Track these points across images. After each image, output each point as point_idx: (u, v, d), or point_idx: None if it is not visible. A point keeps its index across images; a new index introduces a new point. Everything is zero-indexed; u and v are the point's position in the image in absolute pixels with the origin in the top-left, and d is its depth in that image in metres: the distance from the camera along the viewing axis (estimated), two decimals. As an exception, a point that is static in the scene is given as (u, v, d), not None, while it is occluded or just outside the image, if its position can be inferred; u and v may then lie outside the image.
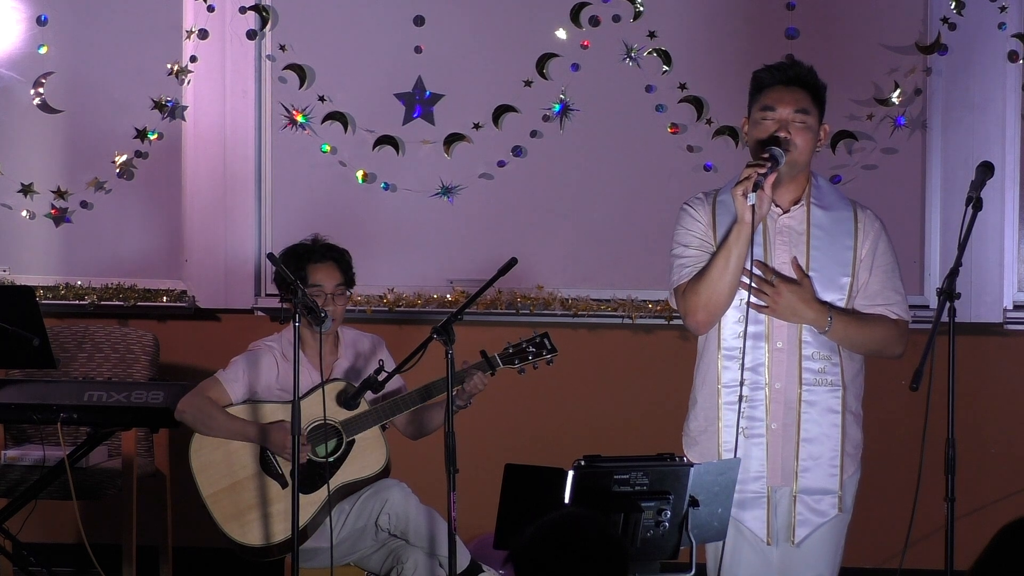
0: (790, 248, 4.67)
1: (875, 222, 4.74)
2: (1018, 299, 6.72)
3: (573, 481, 4.18)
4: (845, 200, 4.76)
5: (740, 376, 4.62)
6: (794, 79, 4.65)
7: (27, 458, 6.42)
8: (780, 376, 4.65)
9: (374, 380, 5.53)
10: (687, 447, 4.78)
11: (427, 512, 5.58)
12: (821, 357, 4.67)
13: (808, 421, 4.66)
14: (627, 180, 6.83)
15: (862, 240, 4.70)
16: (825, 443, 4.68)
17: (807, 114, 4.62)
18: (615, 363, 6.93)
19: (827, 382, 4.67)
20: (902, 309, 4.74)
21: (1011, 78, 6.64)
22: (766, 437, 4.66)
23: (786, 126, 4.61)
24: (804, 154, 4.64)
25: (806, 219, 4.69)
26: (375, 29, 6.94)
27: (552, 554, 3.19)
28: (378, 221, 6.95)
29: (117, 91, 7.07)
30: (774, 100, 4.63)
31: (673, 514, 4.30)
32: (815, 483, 4.67)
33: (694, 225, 4.72)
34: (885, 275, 4.72)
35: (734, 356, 4.66)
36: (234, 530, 5.57)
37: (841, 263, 4.68)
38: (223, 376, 5.68)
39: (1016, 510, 6.58)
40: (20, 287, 6.84)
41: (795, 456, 4.65)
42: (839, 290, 4.67)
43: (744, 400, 4.64)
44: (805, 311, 4.61)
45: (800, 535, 4.68)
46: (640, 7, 6.77)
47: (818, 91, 4.68)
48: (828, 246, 4.68)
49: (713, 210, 4.72)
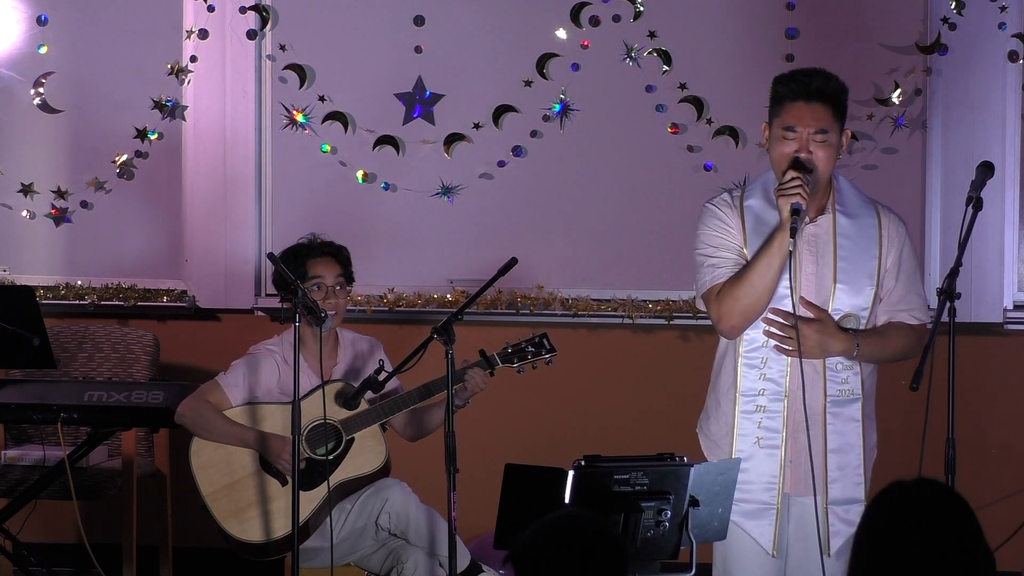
0: (817, 258, 4.64)
1: (900, 227, 4.72)
2: (1018, 299, 6.72)
3: (573, 481, 4.18)
4: (868, 204, 4.73)
5: (759, 384, 4.61)
6: (815, 94, 4.57)
7: (27, 458, 6.42)
8: (805, 387, 4.57)
9: (374, 380, 5.54)
10: (707, 449, 4.74)
11: (427, 512, 5.58)
12: (844, 368, 4.65)
13: (834, 432, 4.64)
14: (627, 180, 6.83)
15: (887, 249, 4.68)
16: (851, 452, 4.67)
17: (827, 132, 4.57)
18: (615, 363, 6.92)
19: (848, 392, 4.66)
20: (922, 312, 4.74)
21: (1011, 78, 6.64)
22: (783, 448, 4.64)
23: (806, 145, 4.56)
24: (827, 171, 4.60)
25: (832, 228, 4.67)
26: (375, 29, 6.94)
27: (552, 554, 3.19)
28: (378, 221, 6.95)
29: (117, 91, 7.07)
30: (795, 119, 4.56)
31: (673, 514, 4.30)
32: (843, 493, 4.66)
33: (722, 227, 4.67)
34: (909, 280, 4.72)
35: (755, 365, 4.65)
36: (234, 527, 5.56)
37: (867, 272, 4.66)
38: (223, 380, 5.68)
39: (1016, 510, 6.58)
40: (20, 287, 6.83)
41: (823, 467, 4.63)
42: (864, 299, 4.66)
43: (762, 410, 4.63)
44: (832, 345, 4.59)
45: (835, 545, 4.64)
46: (640, 7, 6.77)
47: (840, 101, 4.61)
48: (855, 256, 4.66)
49: (742, 214, 4.68)
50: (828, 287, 4.64)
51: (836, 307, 4.63)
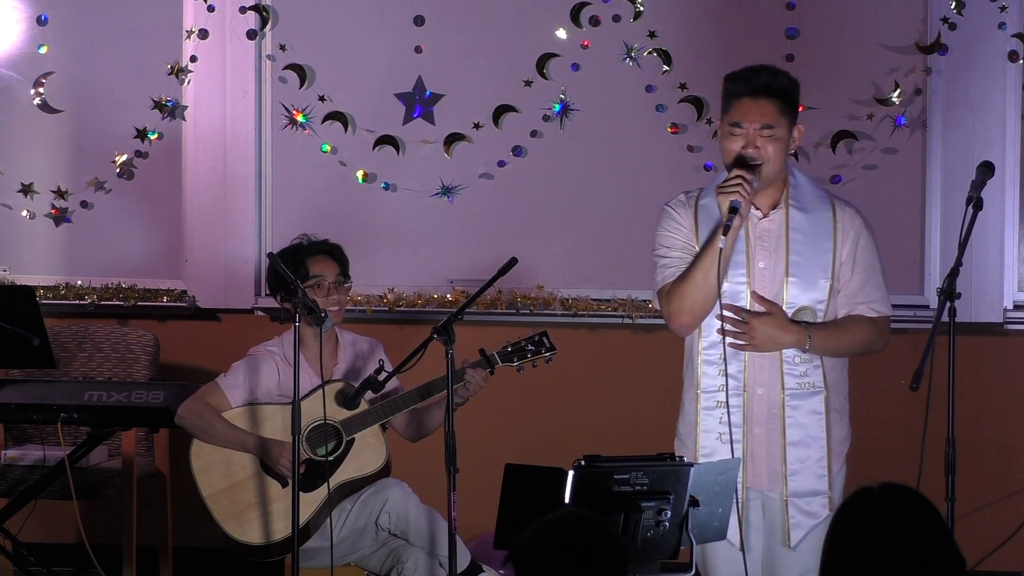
0: (770, 252, 4.68)
1: (855, 220, 4.75)
2: (1018, 299, 6.71)
3: (573, 481, 4.18)
4: (825, 199, 4.77)
5: (725, 382, 4.65)
6: (761, 90, 4.64)
7: (27, 458, 6.42)
8: (763, 381, 4.68)
9: (374, 380, 5.54)
10: (677, 448, 4.81)
11: (427, 512, 5.58)
12: (802, 361, 4.69)
13: (793, 425, 4.68)
14: (627, 180, 6.83)
15: (842, 241, 4.72)
16: (812, 445, 4.70)
17: (773, 128, 4.63)
18: (615, 363, 6.92)
19: (809, 385, 4.69)
20: (883, 305, 4.76)
21: (1011, 78, 6.64)
22: (744, 442, 4.68)
23: (753, 141, 4.62)
24: (775, 165, 4.66)
25: (785, 222, 4.70)
26: (375, 29, 6.94)
27: (552, 554, 3.19)
28: (378, 221, 6.94)
29: (117, 91, 7.07)
30: (740, 115, 4.64)
31: (673, 514, 4.30)
32: (805, 485, 4.69)
33: (675, 227, 4.76)
34: (866, 272, 4.73)
35: (713, 362, 4.70)
36: (234, 529, 5.57)
37: (821, 266, 4.70)
38: (224, 382, 5.68)
39: (1016, 510, 6.58)
40: (20, 287, 6.83)
41: (782, 460, 4.67)
42: (819, 292, 4.69)
43: (722, 406, 4.66)
44: (783, 337, 4.64)
45: (795, 538, 4.69)
46: (640, 7, 6.77)
47: (788, 97, 4.67)
48: (807, 249, 4.69)
49: (695, 213, 4.75)
50: (780, 281, 4.67)
51: (790, 301, 4.68)
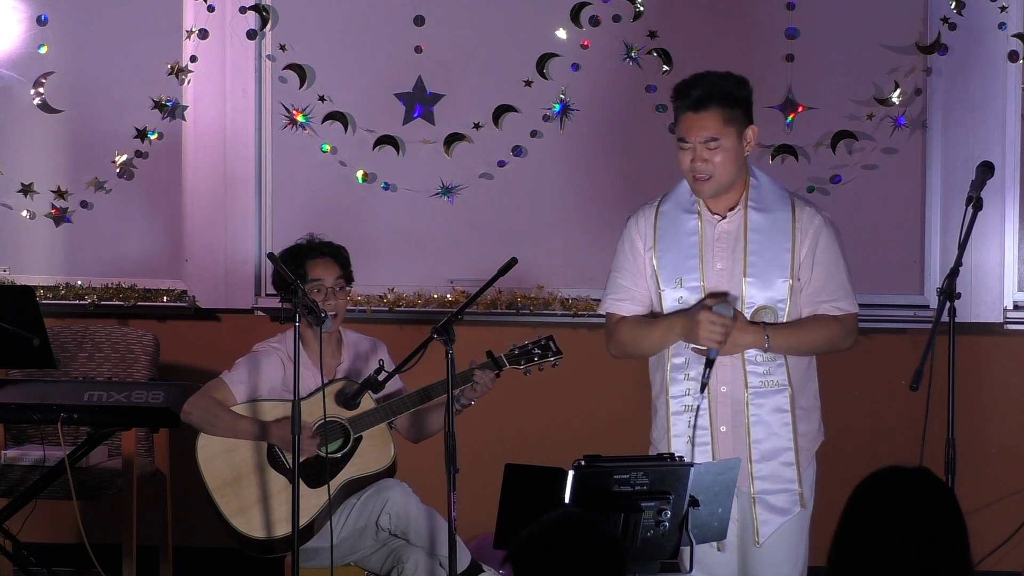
0: (728, 254, 4.70)
1: (814, 219, 4.75)
2: (1018, 299, 6.71)
3: (573, 481, 4.18)
4: (785, 199, 4.78)
5: (700, 384, 4.70)
6: (699, 102, 4.67)
7: (27, 458, 6.42)
8: (725, 380, 4.71)
9: (374, 380, 5.54)
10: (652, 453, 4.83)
11: (427, 512, 5.58)
12: (765, 360, 4.71)
13: (757, 423, 4.70)
14: (627, 180, 6.82)
15: (800, 240, 4.73)
16: (776, 442, 4.72)
17: (718, 139, 4.66)
18: (615, 363, 6.88)
19: (773, 383, 4.71)
20: (847, 303, 4.77)
21: (1011, 78, 6.64)
22: (711, 443, 4.71)
23: (701, 155, 4.66)
24: (725, 175, 4.69)
25: (743, 224, 4.71)
26: (375, 29, 6.94)
27: (551, 554, 3.19)
28: (378, 221, 6.94)
29: (117, 91, 7.07)
30: (684, 131, 4.70)
31: (673, 514, 4.30)
32: (771, 483, 4.72)
33: (631, 248, 4.85)
34: (827, 271, 4.74)
35: (679, 367, 4.75)
36: (239, 523, 5.57)
37: (779, 265, 4.71)
38: (228, 378, 5.69)
39: (1016, 510, 6.58)
40: (20, 287, 6.83)
41: (748, 458, 4.69)
42: (778, 291, 4.70)
43: (690, 409, 4.70)
44: (741, 338, 4.67)
45: (764, 534, 4.71)
46: (640, 7, 6.77)
47: (732, 101, 4.69)
48: (765, 250, 4.71)
49: (655, 222, 4.80)
50: (739, 281, 4.69)
51: (749, 301, 4.70)
